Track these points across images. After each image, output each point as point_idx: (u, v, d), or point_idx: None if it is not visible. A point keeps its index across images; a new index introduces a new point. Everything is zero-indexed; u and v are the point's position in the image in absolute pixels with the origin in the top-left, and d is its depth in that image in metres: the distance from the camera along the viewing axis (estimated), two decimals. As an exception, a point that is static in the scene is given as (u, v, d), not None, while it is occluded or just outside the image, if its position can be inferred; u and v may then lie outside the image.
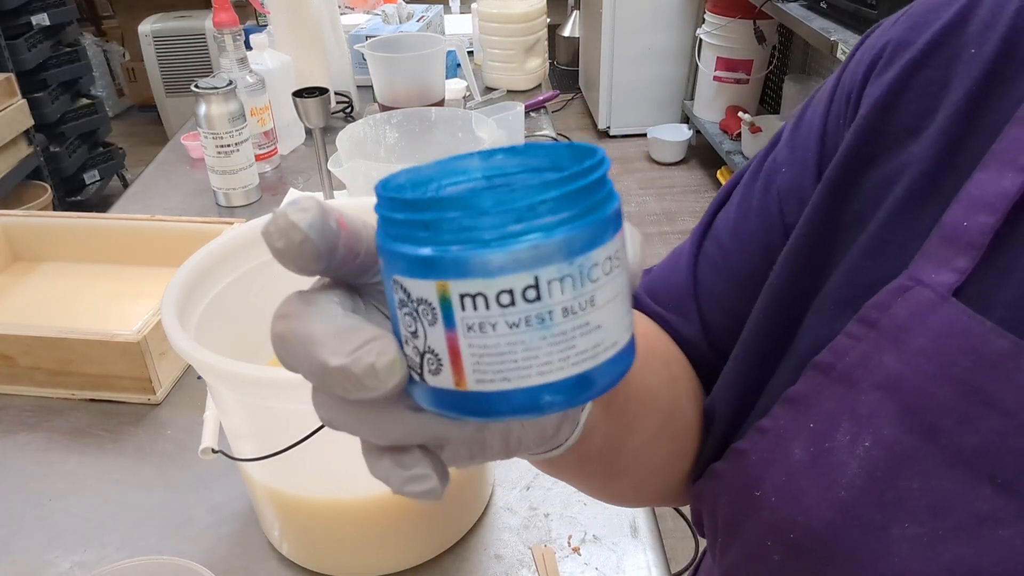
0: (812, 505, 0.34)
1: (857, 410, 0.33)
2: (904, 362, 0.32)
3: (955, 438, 0.30)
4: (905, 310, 0.32)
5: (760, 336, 0.41)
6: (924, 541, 0.31)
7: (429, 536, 0.65)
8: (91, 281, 1.01)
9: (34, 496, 0.72)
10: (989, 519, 0.29)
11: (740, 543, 0.39)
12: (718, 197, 0.48)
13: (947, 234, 0.32)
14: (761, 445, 0.37)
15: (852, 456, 0.33)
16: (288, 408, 0.53)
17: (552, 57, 3.98)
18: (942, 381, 0.31)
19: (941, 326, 0.31)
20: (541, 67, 1.70)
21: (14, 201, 2.53)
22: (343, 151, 0.83)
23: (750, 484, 0.37)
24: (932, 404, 0.31)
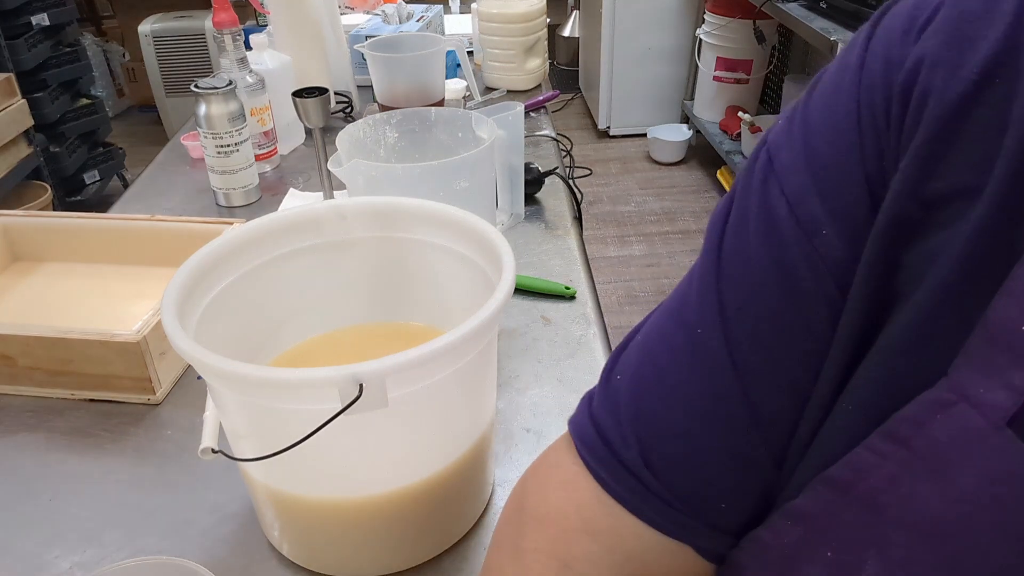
0: None
1: (888, 551, 0.27)
2: (946, 504, 0.26)
3: None
4: (946, 434, 0.26)
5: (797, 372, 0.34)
6: None
7: (429, 536, 0.65)
8: (91, 281, 1.01)
9: (34, 496, 0.72)
10: None
11: None
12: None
13: (996, 336, 0.25)
14: (762, 563, 0.33)
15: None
16: (288, 408, 0.53)
17: (552, 57, 3.98)
18: (998, 538, 0.25)
19: (994, 467, 0.25)
20: (541, 67, 1.70)
21: (14, 201, 2.53)
22: (343, 151, 0.83)
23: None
24: (985, 564, 0.25)
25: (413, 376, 0.52)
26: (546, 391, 0.83)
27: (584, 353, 0.88)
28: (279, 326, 0.72)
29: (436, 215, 0.69)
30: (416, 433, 0.59)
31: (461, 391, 0.59)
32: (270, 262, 0.68)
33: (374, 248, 0.72)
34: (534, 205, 1.20)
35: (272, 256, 0.68)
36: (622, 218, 3.07)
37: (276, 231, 0.68)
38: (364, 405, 0.50)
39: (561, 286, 0.97)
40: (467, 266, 0.67)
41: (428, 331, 0.75)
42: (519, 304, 0.96)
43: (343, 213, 0.70)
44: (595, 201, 3.18)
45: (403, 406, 0.53)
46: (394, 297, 0.75)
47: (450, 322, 0.54)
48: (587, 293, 0.98)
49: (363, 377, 0.49)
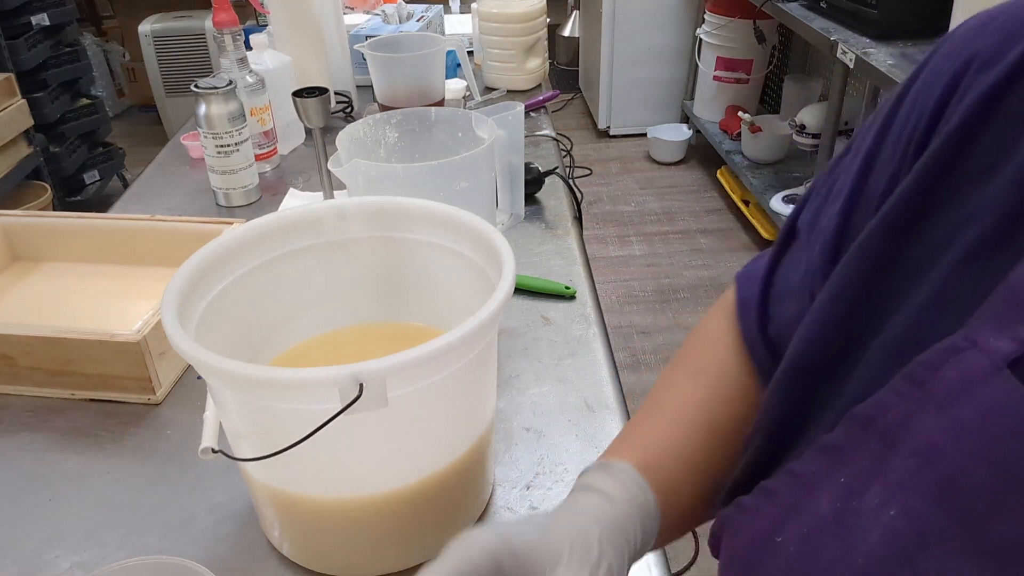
0: (829, 565, 0.32)
1: (890, 475, 0.31)
2: (945, 433, 0.29)
3: (983, 525, 0.28)
4: (955, 375, 0.29)
5: (808, 371, 0.39)
6: None
7: (429, 536, 0.65)
8: (91, 281, 1.01)
9: (34, 496, 0.72)
10: None
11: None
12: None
13: (1012, 296, 0.29)
14: (790, 489, 0.36)
15: (877, 523, 0.31)
16: (288, 408, 0.53)
17: (552, 57, 3.98)
18: (981, 461, 0.28)
19: (990, 400, 0.28)
20: (541, 67, 1.69)
21: (14, 201, 2.53)
22: (343, 151, 0.83)
23: (773, 528, 0.36)
24: (967, 484, 0.28)
25: (413, 376, 0.52)
26: (546, 390, 0.83)
27: (584, 353, 0.88)
28: (279, 326, 0.72)
29: (436, 215, 0.69)
30: (416, 433, 0.59)
31: (461, 391, 0.59)
32: (270, 262, 0.68)
33: (374, 248, 0.72)
34: (534, 205, 1.20)
35: (272, 256, 0.68)
36: (622, 218, 3.07)
37: (276, 231, 0.68)
38: (364, 405, 0.50)
39: (561, 286, 0.97)
40: (467, 266, 0.67)
41: (428, 331, 0.75)
42: (519, 304, 0.96)
43: (343, 213, 0.70)
44: (595, 201, 3.18)
45: (403, 406, 0.53)
46: (394, 297, 0.75)
47: (450, 322, 0.54)
48: (587, 293, 0.99)
49: (363, 377, 0.49)
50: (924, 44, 1.93)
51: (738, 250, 2.80)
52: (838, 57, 2.02)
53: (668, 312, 2.52)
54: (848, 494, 0.33)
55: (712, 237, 2.90)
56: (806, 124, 2.62)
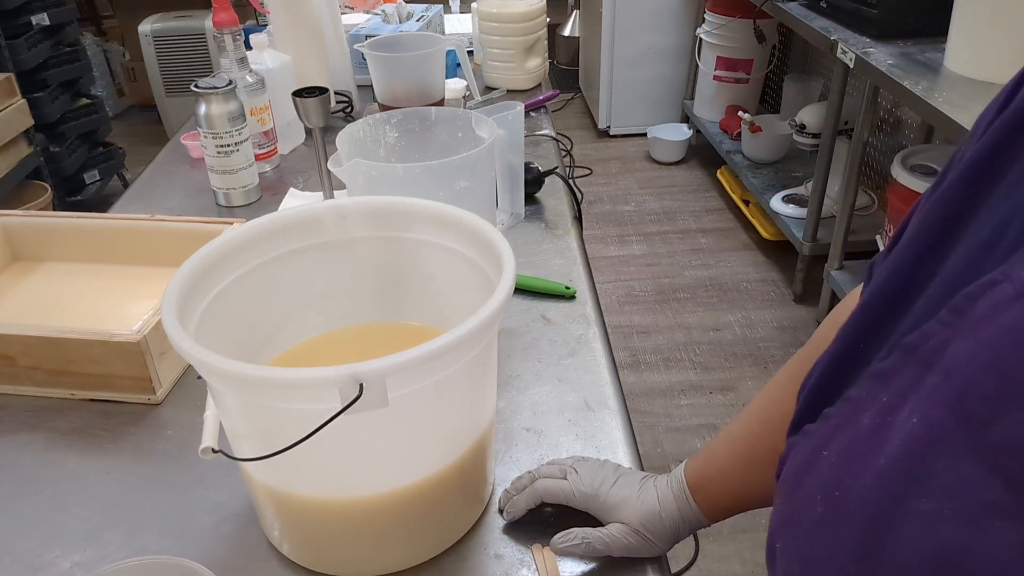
0: (861, 469, 0.36)
1: (921, 391, 0.35)
2: (967, 351, 0.33)
3: (985, 427, 0.31)
4: (986, 303, 0.33)
5: (877, 307, 0.43)
6: (931, 518, 0.33)
7: (429, 536, 0.65)
8: (91, 281, 1.01)
9: (34, 496, 0.72)
10: (991, 508, 0.31)
11: (799, 495, 0.42)
12: None
13: None
14: (842, 411, 0.41)
15: (901, 430, 0.35)
16: (288, 408, 0.53)
17: (552, 57, 3.98)
18: (990, 372, 0.31)
19: (1009, 322, 0.31)
20: (541, 67, 1.69)
21: (14, 201, 2.53)
22: (343, 151, 0.83)
23: (822, 444, 0.41)
24: (975, 392, 0.32)
25: (413, 376, 0.52)
26: (546, 390, 0.83)
27: (584, 352, 0.88)
28: (279, 326, 0.72)
29: (436, 215, 0.69)
30: (416, 433, 0.59)
31: (461, 391, 0.59)
32: (270, 262, 0.68)
33: (374, 248, 0.72)
34: (534, 205, 1.20)
35: (272, 256, 0.68)
36: (622, 218, 3.07)
37: (276, 231, 0.68)
38: (364, 405, 0.50)
39: (561, 286, 0.97)
40: (467, 266, 0.67)
41: (428, 331, 0.75)
42: (519, 304, 0.96)
43: (343, 213, 0.70)
44: (595, 201, 3.18)
45: (403, 406, 0.53)
46: (394, 297, 0.75)
47: (450, 322, 0.54)
48: (587, 293, 0.99)
49: (363, 377, 0.49)
50: (924, 44, 1.93)
51: (738, 250, 2.80)
52: (838, 57, 2.02)
53: (668, 312, 2.52)
54: (886, 411, 0.36)
55: (712, 237, 2.90)
56: (806, 124, 2.62)
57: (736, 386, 2.22)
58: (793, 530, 0.42)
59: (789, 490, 0.43)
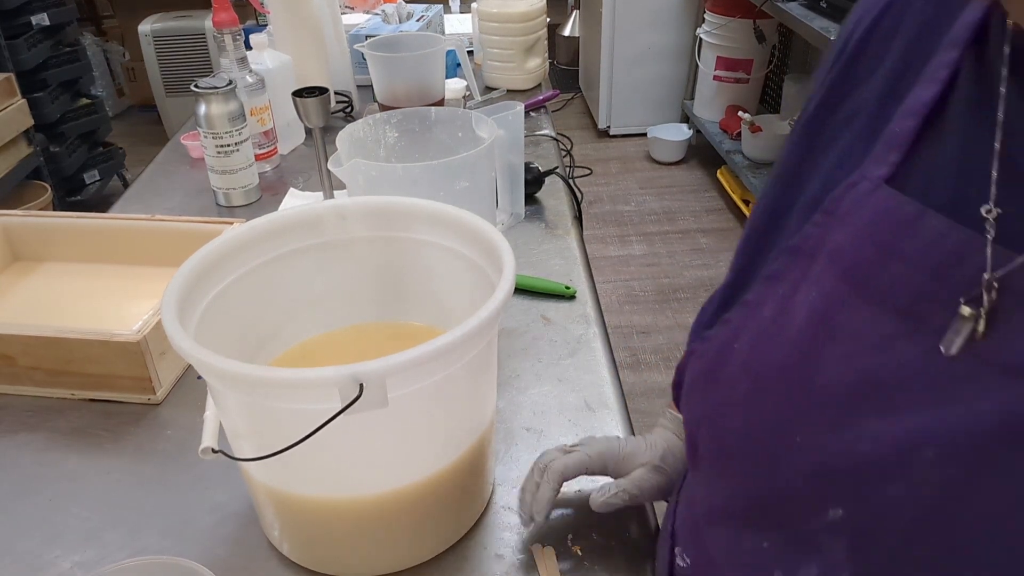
0: (774, 345, 0.45)
1: (811, 274, 0.43)
2: (845, 235, 0.42)
3: (872, 282, 0.40)
4: (852, 200, 0.42)
5: (755, 237, 0.53)
6: (844, 358, 0.41)
7: (429, 536, 0.65)
8: (91, 281, 1.01)
9: (34, 496, 0.72)
10: (890, 336, 0.39)
11: (716, 387, 0.48)
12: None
13: (887, 139, 0.42)
14: (741, 312, 0.48)
15: (803, 306, 0.43)
16: (288, 408, 0.53)
17: (552, 57, 3.98)
18: (867, 243, 0.41)
19: (874, 205, 0.41)
20: (541, 67, 1.69)
21: (14, 201, 2.53)
22: (343, 151, 0.83)
23: (730, 340, 0.48)
24: (860, 260, 0.41)
25: (413, 376, 0.52)
26: (546, 390, 0.83)
27: (584, 352, 0.88)
28: (279, 326, 0.72)
29: (436, 215, 0.69)
30: (416, 433, 0.59)
31: (461, 391, 0.59)
32: (270, 262, 0.68)
33: (374, 248, 0.72)
34: (534, 205, 1.20)
35: (272, 256, 0.68)
36: (622, 218, 3.07)
37: (276, 231, 0.68)
38: (364, 405, 0.50)
39: (561, 286, 0.97)
40: (467, 266, 0.67)
41: (428, 331, 0.75)
42: (519, 304, 0.96)
43: (343, 213, 0.70)
44: (595, 201, 3.18)
45: (403, 406, 0.53)
46: (394, 297, 0.75)
47: (450, 322, 0.54)
48: (587, 293, 0.98)
49: (363, 377, 0.49)
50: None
51: (738, 250, 2.80)
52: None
53: (668, 312, 2.52)
54: (784, 299, 0.45)
55: (712, 237, 2.90)
56: (806, 124, 2.61)
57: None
58: (719, 418, 0.48)
59: (703, 385, 0.50)
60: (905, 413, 0.37)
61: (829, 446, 0.40)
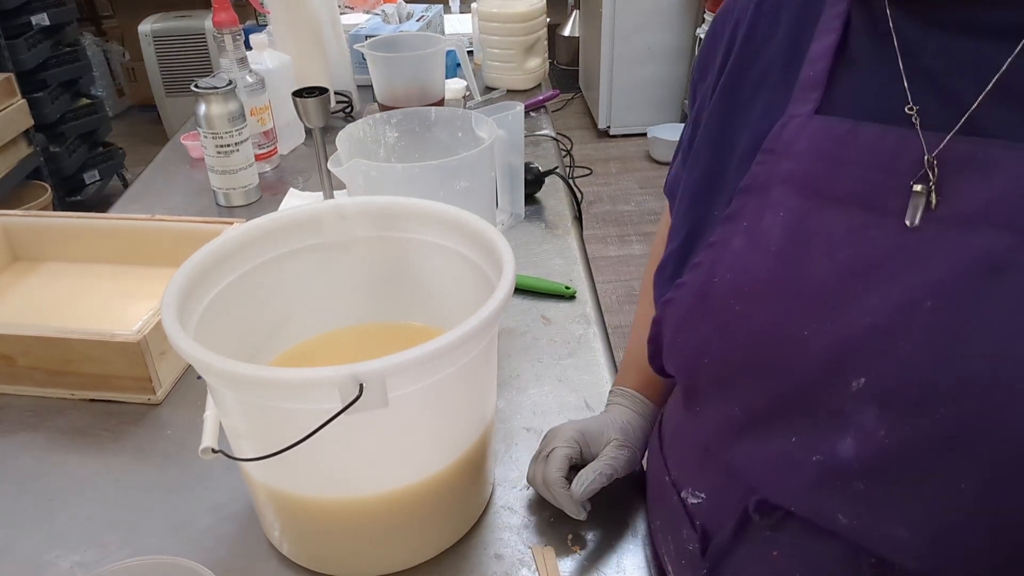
0: (757, 263, 0.50)
1: (770, 201, 0.50)
2: (793, 160, 0.49)
3: (830, 190, 0.47)
4: (789, 133, 0.49)
5: (695, 202, 0.58)
6: (826, 255, 0.47)
7: (429, 536, 0.65)
8: (91, 281, 1.01)
9: (34, 496, 0.72)
10: (859, 227, 0.46)
11: (708, 319, 0.53)
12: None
13: (803, 84, 0.50)
14: (710, 253, 0.53)
15: (774, 226, 0.49)
16: (288, 408, 0.53)
17: (552, 57, 3.98)
18: (815, 160, 0.48)
19: (812, 131, 0.48)
20: (541, 67, 1.69)
21: (14, 201, 2.53)
22: (343, 151, 0.83)
23: (708, 278, 0.53)
24: (813, 175, 0.48)
25: (413, 376, 0.52)
26: (546, 390, 0.83)
27: (584, 352, 0.88)
28: (279, 326, 0.72)
29: (436, 215, 0.69)
30: (416, 433, 0.59)
31: (461, 391, 0.59)
32: (270, 262, 0.68)
33: (374, 248, 0.72)
34: (534, 205, 1.20)
35: (272, 256, 0.68)
36: (622, 217, 3.07)
37: (276, 231, 0.68)
38: (364, 405, 0.50)
39: (561, 286, 0.97)
40: (467, 266, 0.67)
41: (428, 331, 0.75)
42: (519, 304, 0.96)
43: (343, 213, 0.70)
44: (595, 200, 3.18)
45: (403, 406, 0.53)
46: (394, 297, 0.75)
47: (450, 322, 0.54)
48: (587, 292, 0.99)
49: (363, 377, 0.49)
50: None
51: (738, 250, 2.80)
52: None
53: (668, 312, 2.52)
54: (750, 228, 0.50)
55: (712, 237, 2.90)
56: (806, 124, 2.62)
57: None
58: (720, 343, 0.52)
59: (692, 323, 0.54)
60: (894, 282, 0.44)
61: (837, 329, 0.45)
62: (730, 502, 0.54)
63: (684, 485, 0.60)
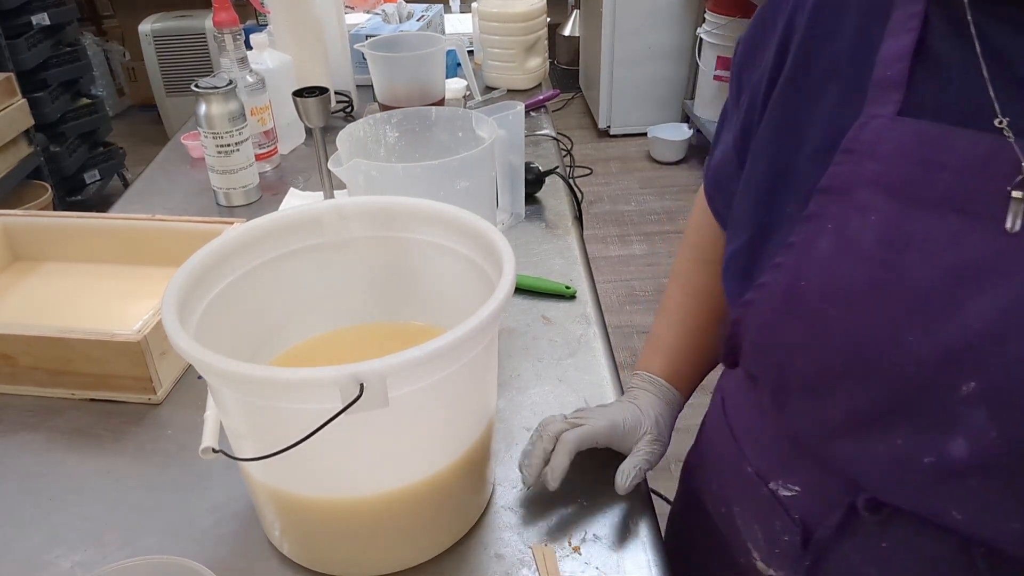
0: (849, 270, 0.49)
1: (856, 203, 0.49)
2: (879, 163, 0.48)
3: (924, 194, 0.47)
4: (871, 134, 0.48)
5: (764, 195, 0.57)
6: (925, 261, 0.46)
7: (429, 536, 0.65)
8: (91, 281, 1.01)
9: (34, 496, 0.72)
10: (958, 232, 0.46)
11: (799, 322, 0.52)
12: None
13: (880, 83, 0.49)
14: (791, 253, 0.52)
15: (864, 229, 0.48)
16: (289, 408, 0.53)
17: (552, 56, 3.98)
18: (905, 164, 0.47)
19: (897, 134, 0.47)
20: (541, 66, 1.69)
21: (14, 201, 2.53)
22: (343, 151, 0.83)
23: (793, 279, 0.52)
24: (904, 179, 0.47)
25: (414, 376, 0.52)
26: (546, 390, 0.83)
27: (584, 352, 0.88)
28: (279, 326, 0.72)
29: (436, 215, 0.69)
30: (416, 433, 0.59)
31: (461, 391, 0.59)
32: (270, 262, 0.68)
33: (374, 248, 0.72)
34: (534, 205, 1.20)
35: (272, 256, 0.68)
36: (622, 217, 3.07)
37: (276, 231, 0.68)
38: (365, 405, 0.50)
39: (561, 286, 0.97)
40: (467, 266, 0.67)
41: (428, 331, 0.75)
42: (519, 304, 0.96)
43: (343, 213, 0.70)
44: (595, 200, 3.18)
45: (404, 406, 0.53)
46: (394, 297, 0.75)
47: (450, 322, 0.54)
48: (587, 292, 0.98)
49: (364, 377, 0.49)
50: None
51: (738, 250, 2.80)
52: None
53: (668, 312, 2.52)
54: (837, 229, 0.50)
55: (712, 237, 2.90)
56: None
57: (736, 386, 2.21)
58: (815, 347, 0.52)
59: (779, 326, 0.54)
60: (999, 286, 0.44)
61: (943, 334, 0.46)
62: (831, 496, 0.56)
63: (772, 477, 0.61)
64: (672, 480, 0.89)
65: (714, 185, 0.71)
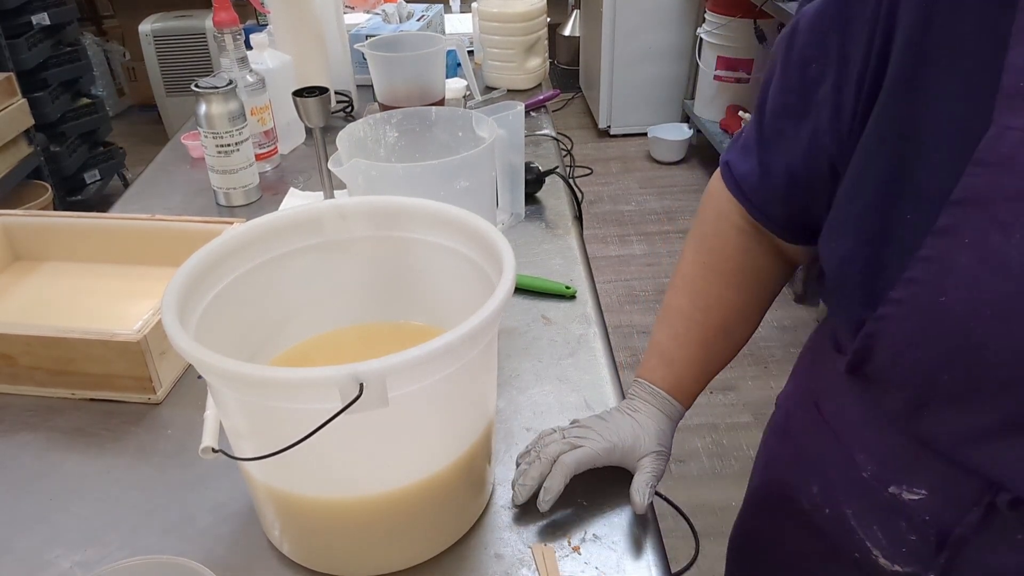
0: (995, 283, 0.47)
1: (998, 218, 0.47)
2: (1018, 176, 0.46)
3: None
4: (1008, 147, 0.46)
5: (882, 190, 0.54)
6: None
7: (429, 536, 0.65)
8: (91, 281, 1.01)
9: (34, 496, 0.72)
10: None
11: (946, 337, 0.51)
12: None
13: (1011, 93, 0.46)
14: (927, 268, 0.50)
15: (1008, 246, 0.46)
16: (288, 408, 0.53)
17: (552, 56, 3.98)
18: None
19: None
20: (541, 66, 1.69)
21: (14, 201, 2.53)
22: (343, 150, 0.83)
23: (935, 294, 0.50)
24: None
25: (413, 375, 0.52)
26: (546, 390, 0.83)
27: (584, 352, 0.88)
28: (279, 326, 0.72)
29: (436, 215, 0.69)
30: (416, 432, 0.59)
31: (461, 390, 0.59)
32: (270, 262, 0.68)
33: (374, 248, 0.72)
34: (534, 204, 1.20)
35: (272, 256, 0.68)
36: (622, 217, 3.07)
37: (276, 231, 0.68)
38: (364, 404, 0.50)
39: (561, 286, 0.97)
40: (467, 266, 0.67)
41: (428, 331, 0.75)
42: (519, 303, 0.96)
43: (343, 213, 0.70)
44: (595, 200, 3.18)
45: (403, 405, 0.53)
46: (394, 297, 0.75)
47: (450, 322, 0.54)
48: (587, 292, 0.98)
49: (363, 376, 0.49)
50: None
51: (738, 250, 2.80)
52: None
53: (668, 312, 2.52)
54: (979, 244, 0.48)
55: (712, 237, 2.90)
56: (806, 123, 2.62)
57: (737, 386, 2.22)
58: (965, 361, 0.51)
59: (924, 340, 0.52)
60: None
61: None
62: (964, 497, 0.56)
63: (892, 481, 0.61)
64: (672, 480, 0.89)
65: (744, 177, 0.69)
